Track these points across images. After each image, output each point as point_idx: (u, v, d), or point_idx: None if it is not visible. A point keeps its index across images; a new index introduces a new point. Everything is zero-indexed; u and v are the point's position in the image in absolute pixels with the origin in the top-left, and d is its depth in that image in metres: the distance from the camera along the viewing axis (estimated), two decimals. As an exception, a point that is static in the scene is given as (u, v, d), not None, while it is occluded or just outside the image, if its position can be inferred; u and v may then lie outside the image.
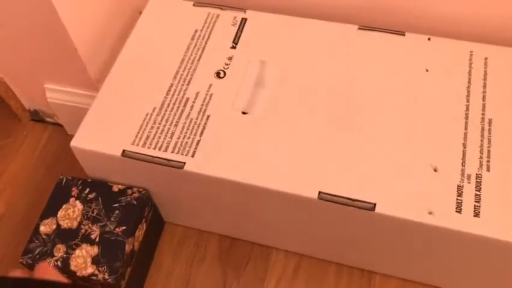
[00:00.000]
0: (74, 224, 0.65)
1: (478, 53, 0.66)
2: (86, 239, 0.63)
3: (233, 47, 0.69)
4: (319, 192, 0.57)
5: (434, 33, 0.68)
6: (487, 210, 0.55)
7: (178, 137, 0.62)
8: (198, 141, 0.62)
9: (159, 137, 0.62)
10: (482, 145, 0.59)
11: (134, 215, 0.64)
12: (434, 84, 0.64)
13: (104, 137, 0.63)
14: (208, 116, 0.63)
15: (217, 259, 0.74)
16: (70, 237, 0.64)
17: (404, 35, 0.69)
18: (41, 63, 0.74)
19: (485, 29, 0.70)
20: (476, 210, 0.55)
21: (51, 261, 0.62)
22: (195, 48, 0.70)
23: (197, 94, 0.65)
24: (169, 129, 0.63)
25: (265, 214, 0.65)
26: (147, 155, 0.61)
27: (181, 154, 0.61)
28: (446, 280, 0.67)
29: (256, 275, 0.73)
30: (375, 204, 0.56)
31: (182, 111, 0.64)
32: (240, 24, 0.71)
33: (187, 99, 0.65)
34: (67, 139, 0.65)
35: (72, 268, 0.62)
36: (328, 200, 0.57)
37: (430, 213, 0.55)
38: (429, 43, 0.68)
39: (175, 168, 0.60)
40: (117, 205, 0.65)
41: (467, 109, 0.62)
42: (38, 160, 0.86)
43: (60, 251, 0.63)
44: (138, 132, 0.63)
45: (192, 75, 0.67)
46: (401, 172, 0.58)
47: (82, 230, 0.64)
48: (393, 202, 0.56)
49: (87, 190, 0.67)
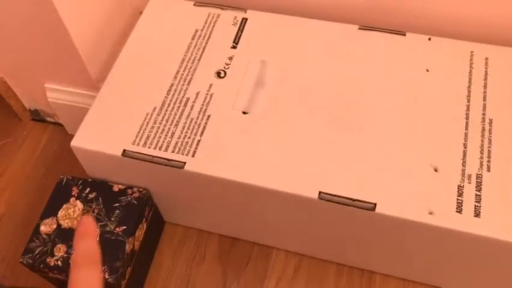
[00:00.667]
0: (75, 224, 0.65)
1: (478, 53, 0.66)
2: (87, 239, 0.63)
3: (233, 47, 0.69)
4: (319, 192, 0.57)
5: (434, 33, 0.68)
6: (488, 210, 0.55)
7: (179, 137, 0.62)
8: (198, 141, 0.62)
9: (159, 137, 0.62)
10: (482, 145, 0.59)
11: (135, 215, 0.64)
12: (435, 84, 0.64)
13: (104, 136, 0.63)
14: (208, 116, 0.63)
15: (217, 259, 0.74)
16: (70, 236, 0.64)
17: (404, 35, 0.68)
18: (41, 63, 0.74)
19: (485, 29, 0.70)
20: (476, 210, 0.55)
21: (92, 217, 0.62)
22: (195, 48, 0.70)
23: (197, 94, 0.65)
24: (169, 129, 0.63)
25: (266, 214, 0.65)
26: (147, 154, 0.61)
27: (182, 154, 0.61)
28: (446, 280, 0.67)
29: (256, 275, 0.73)
30: (376, 204, 0.56)
31: (183, 111, 0.64)
32: (241, 24, 0.71)
33: (188, 99, 0.65)
34: (67, 139, 0.65)
35: (72, 268, 0.62)
36: (328, 200, 0.57)
37: (430, 213, 0.55)
38: (430, 43, 0.68)
39: (176, 168, 0.60)
40: (117, 205, 0.65)
41: (468, 109, 0.62)
42: (39, 160, 0.86)
43: (60, 251, 0.63)
44: (138, 132, 0.63)
45: (193, 75, 0.67)
46: (402, 172, 0.58)
47: (82, 230, 0.64)
48: (393, 202, 0.56)
49: (87, 190, 0.67)
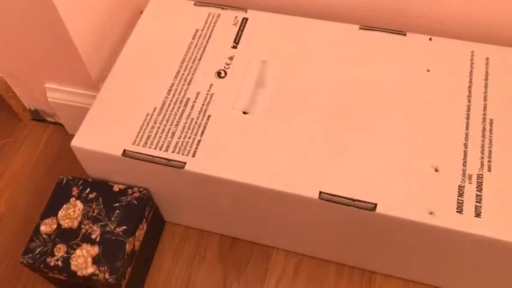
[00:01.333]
0: (75, 224, 0.65)
1: (479, 53, 0.66)
2: (87, 239, 0.63)
3: (234, 47, 0.69)
4: (320, 192, 0.57)
5: (435, 33, 0.68)
6: (488, 211, 0.55)
7: (179, 137, 0.62)
8: (199, 141, 0.62)
9: (160, 137, 0.62)
10: (483, 145, 0.59)
11: (135, 215, 0.64)
12: (435, 84, 0.64)
13: (104, 136, 0.63)
14: (208, 116, 0.63)
15: (217, 259, 0.74)
16: (70, 237, 0.64)
17: (405, 35, 0.68)
18: (41, 62, 0.74)
19: (486, 29, 0.70)
20: (477, 211, 0.55)
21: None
22: (195, 47, 0.70)
23: (198, 94, 0.65)
24: (169, 129, 0.63)
25: (266, 214, 0.65)
26: (148, 154, 0.61)
27: (182, 154, 0.61)
28: (447, 280, 0.67)
29: (256, 275, 0.72)
30: (376, 205, 0.56)
31: (183, 111, 0.64)
32: (241, 23, 0.71)
33: (188, 99, 0.65)
34: (68, 139, 0.65)
35: (72, 268, 0.62)
36: (329, 200, 0.57)
37: (431, 213, 0.55)
38: (431, 43, 0.68)
39: (176, 168, 0.60)
40: (118, 205, 0.65)
41: (468, 109, 0.62)
42: (39, 160, 0.86)
43: (60, 251, 0.63)
44: (139, 132, 0.63)
45: (193, 74, 0.67)
46: (402, 172, 0.58)
47: (83, 230, 0.64)
48: (394, 202, 0.56)
49: (87, 190, 0.67)
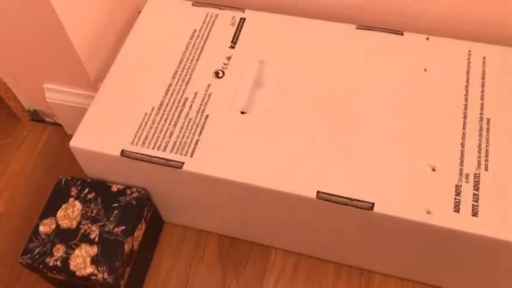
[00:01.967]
0: (74, 224, 0.65)
1: (476, 53, 0.66)
2: (86, 239, 0.63)
3: (232, 47, 0.69)
4: (317, 192, 0.57)
5: (432, 33, 0.69)
6: (485, 210, 0.55)
7: (177, 137, 0.62)
8: (197, 141, 0.62)
9: (158, 137, 0.62)
10: (480, 144, 0.59)
11: (134, 215, 0.65)
12: (433, 84, 0.64)
13: (103, 136, 0.63)
14: (206, 116, 0.64)
15: (216, 259, 0.74)
16: (69, 237, 0.64)
17: (402, 35, 0.69)
18: (40, 63, 0.74)
19: (483, 28, 0.70)
20: (474, 210, 0.55)
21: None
22: (193, 48, 0.70)
23: (196, 94, 0.65)
24: (167, 129, 0.63)
25: (264, 214, 0.65)
26: (146, 154, 0.61)
27: (180, 154, 0.61)
28: (445, 279, 0.67)
29: (255, 275, 0.73)
30: (374, 204, 0.56)
31: (181, 111, 0.64)
32: (239, 24, 0.72)
33: (186, 99, 0.65)
34: (66, 139, 0.65)
35: (71, 268, 0.62)
36: (326, 200, 0.57)
37: (428, 212, 0.55)
38: (428, 43, 0.68)
39: (174, 168, 0.60)
40: (116, 205, 0.65)
41: (466, 108, 0.62)
42: (38, 160, 0.86)
43: (59, 251, 0.63)
44: (137, 132, 0.63)
45: (191, 75, 0.67)
46: (400, 172, 0.58)
47: (81, 230, 0.64)
48: (391, 201, 0.56)
49: (86, 190, 0.67)
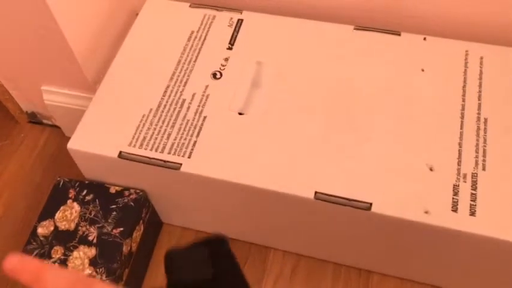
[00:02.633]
0: (72, 226, 0.65)
1: (473, 53, 0.66)
2: (84, 241, 0.63)
3: (229, 48, 0.70)
4: (315, 192, 0.57)
5: (429, 33, 0.69)
6: (483, 209, 0.55)
7: (175, 138, 0.62)
8: (195, 142, 0.62)
9: (156, 138, 0.62)
10: (477, 144, 0.59)
11: (132, 217, 0.65)
12: (430, 84, 0.64)
13: (101, 138, 0.63)
14: (204, 117, 0.64)
15: (215, 260, 0.74)
16: (67, 238, 0.64)
17: (399, 35, 0.69)
18: (37, 65, 0.74)
19: (480, 28, 0.70)
20: (472, 209, 0.55)
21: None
22: (191, 49, 0.70)
23: (193, 95, 0.65)
24: (165, 131, 0.63)
25: (262, 214, 0.65)
26: (144, 156, 0.61)
27: (178, 155, 0.61)
28: (443, 279, 0.67)
29: (254, 275, 0.73)
30: (372, 204, 0.56)
31: (179, 112, 0.64)
32: (236, 25, 0.72)
33: (184, 101, 0.65)
34: (64, 141, 0.65)
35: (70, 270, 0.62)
36: (324, 200, 0.57)
37: (426, 212, 0.55)
38: (425, 43, 0.68)
39: (172, 170, 0.60)
40: (114, 206, 0.65)
41: (463, 108, 0.62)
42: (36, 162, 0.86)
43: (58, 253, 0.63)
44: (135, 133, 0.63)
45: (189, 76, 0.67)
46: (397, 171, 0.58)
47: (80, 232, 0.64)
48: (389, 201, 0.56)
49: (84, 192, 0.67)
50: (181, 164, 0.60)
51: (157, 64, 0.69)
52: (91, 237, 0.64)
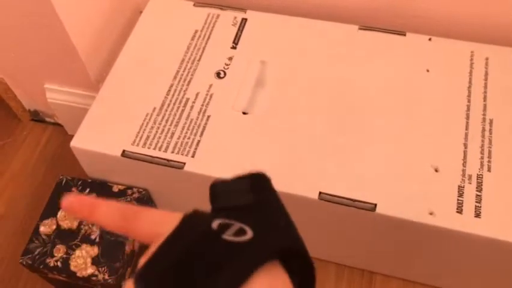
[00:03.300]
0: (74, 225, 0.64)
1: (478, 53, 0.66)
2: (86, 240, 0.63)
3: (233, 47, 0.69)
4: (319, 193, 0.57)
5: (434, 34, 0.68)
6: (488, 211, 0.55)
7: (178, 137, 0.62)
8: (198, 142, 0.61)
9: (159, 137, 0.62)
10: (483, 145, 0.59)
11: (135, 216, 0.64)
12: (435, 85, 0.64)
13: (104, 137, 0.63)
14: (208, 116, 0.63)
15: (217, 259, 0.74)
16: (70, 237, 0.64)
17: (404, 35, 0.68)
18: (41, 63, 0.74)
19: (486, 29, 0.70)
20: (477, 211, 0.55)
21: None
22: (195, 48, 0.70)
23: (197, 94, 0.65)
24: (169, 130, 0.63)
25: (266, 214, 0.65)
26: (147, 155, 0.61)
27: (181, 154, 0.61)
28: (447, 280, 0.67)
29: (256, 276, 0.72)
30: (376, 205, 0.56)
31: (183, 111, 0.64)
32: (240, 24, 0.71)
33: (187, 100, 0.65)
34: (67, 139, 0.65)
35: (72, 268, 0.62)
36: (328, 201, 0.57)
37: (431, 213, 0.55)
38: (430, 43, 0.67)
39: (175, 169, 0.60)
40: (117, 205, 0.65)
41: (468, 109, 0.62)
42: (38, 160, 0.86)
43: (60, 252, 0.63)
44: (138, 132, 0.63)
45: (192, 75, 0.67)
46: (402, 172, 0.58)
47: (82, 231, 0.64)
48: (394, 202, 0.56)
49: (87, 190, 0.67)
50: (184, 163, 0.60)
51: (161, 63, 0.68)
52: (93, 236, 0.63)
